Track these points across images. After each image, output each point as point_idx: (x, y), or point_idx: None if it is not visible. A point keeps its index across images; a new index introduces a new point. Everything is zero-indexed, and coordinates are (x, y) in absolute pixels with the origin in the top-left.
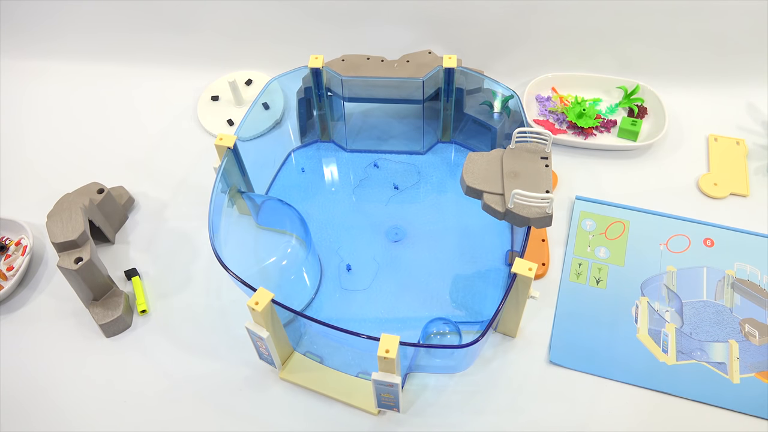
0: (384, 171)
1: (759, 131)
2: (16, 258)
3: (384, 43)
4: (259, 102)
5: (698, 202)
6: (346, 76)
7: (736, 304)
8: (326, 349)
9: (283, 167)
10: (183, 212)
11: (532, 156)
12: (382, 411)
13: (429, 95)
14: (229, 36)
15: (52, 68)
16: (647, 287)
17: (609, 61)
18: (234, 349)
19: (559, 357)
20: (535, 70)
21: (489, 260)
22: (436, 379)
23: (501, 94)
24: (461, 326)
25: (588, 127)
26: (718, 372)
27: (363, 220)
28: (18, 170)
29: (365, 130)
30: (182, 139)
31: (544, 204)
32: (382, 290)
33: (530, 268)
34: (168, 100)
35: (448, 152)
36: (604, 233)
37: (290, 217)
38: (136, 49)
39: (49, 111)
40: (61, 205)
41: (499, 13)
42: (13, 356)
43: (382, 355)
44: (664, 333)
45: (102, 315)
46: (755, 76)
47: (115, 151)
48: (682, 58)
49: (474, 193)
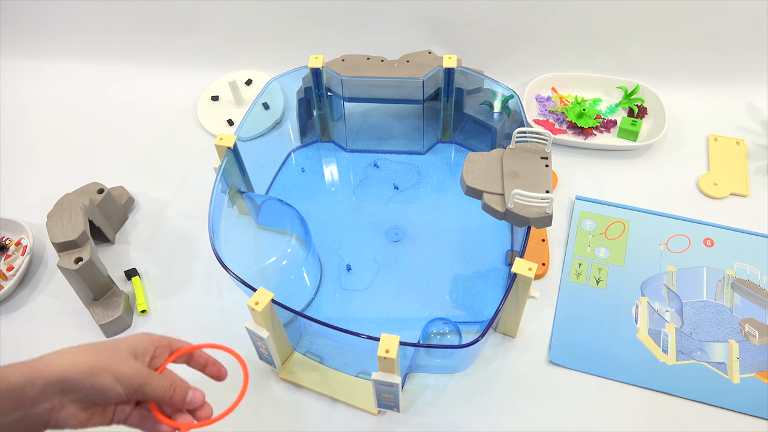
0: (384, 171)
1: (759, 131)
2: (16, 258)
3: (384, 43)
4: (259, 102)
5: (698, 202)
6: (346, 76)
7: (736, 304)
8: (326, 349)
9: (283, 167)
10: (183, 212)
11: (532, 156)
12: (382, 411)
13: (429, 95)
14: (229, 36)
15: (52, 68)
16: (647, 287)
17: (609, 61)
18: (234, 349)
19: (559, 357)
20: (535, 70)
21: (489, 260)
22: (436, 379)
23: (501, 94)
24: (461, 326)
25: (588, 127)
26: (718, 372)
27: (363, 220)
28: (18, 170)
29: (365, 130)
30: (182, 139)
31: (544, 204)
32: (382, 290)
33: (530, 268)
34: (168, 100)
35: (448, 152)
36: (604, 233)
37: (290, 217)
38: (136, 49)
39: (49, 111)
40: (61, 205)
41: (499, 13)
42: (13, 356)
43: (382, 355)
44: (664, 333)
45: (102, 315)
46: (755, 76)
47: (115, 151)
48: (682, 58)
49: (474, 193)
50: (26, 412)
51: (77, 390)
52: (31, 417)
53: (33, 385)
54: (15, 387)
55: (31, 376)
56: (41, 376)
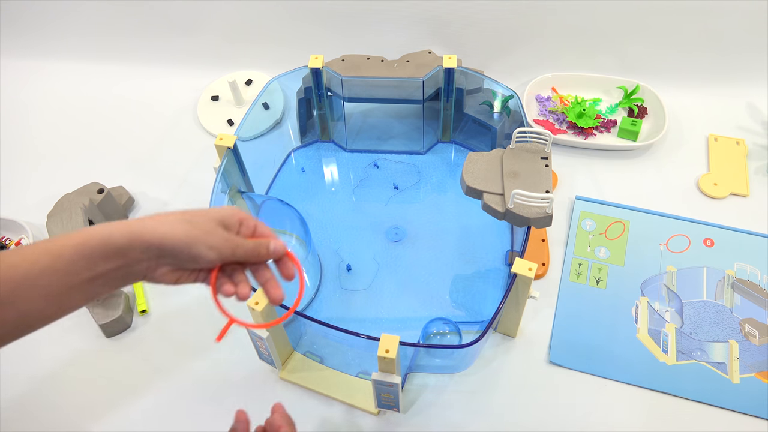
0: (384, 171)
1: (759, 131)
2: None
3: (384, 43)
4: (259, 102)
5: (698, 202)
6: (346, 76)
7: (736, 304)
8: (326, 349)
9: (283, 167)
10: None
11: (532, 156)
12: (382, 411)
13: (429, 95)
14: (229, 36)
15: (53, 68)
16: (647, 287)
17: (609, 61)
18: (234, 349)
19: (559, 357)
20: (535, 70)
21: (489, 260)
22: (436, 379)
23: (501, 94)
24: (461, 326)
25: (588, 127)
26: (718, 372)
27: (363, 220)
28: (18, 170)
29: (365, 130)
30: (182, 139)
31: (544, 204)
32: (382, 290)
33: (530, 268)
34: (168, 100)
35: (448, 152)
36: (604, 233)
37: (290, 217)
38: (136, 49)
39: (49, 111)
40: (61, 205)
41: (499, 13)
42: (13, 356)
43: (382, 355)
44: (664, 333)
45: (102, 315)
46: (755, 76)
47: (116, 151)
48: (682, 58)
49: (474, 193)
50: (128, 270)
51: (173, 256)
52: (132, 273)
53: (134, 248)
54: (120, 248)
55: (133, 240)
56: (142, 240)
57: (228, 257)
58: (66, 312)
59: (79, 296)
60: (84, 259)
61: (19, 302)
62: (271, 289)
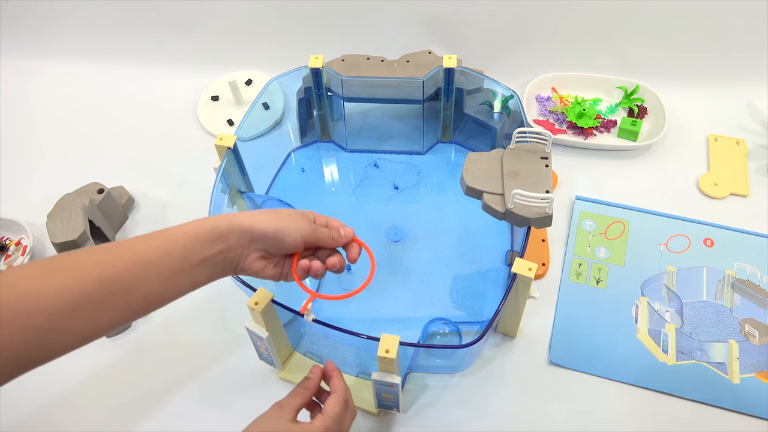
0: (384, 171)
1: (759, 131)
2: (16, 258)
3: (384, 43)
4: (259, 102)
5: (698, 202)
6: (346, 76)
7: (736, 304)
8: (326, 349)
9: (283, 167)
10: (183, 212)
11: (532, 156)
12: (382, 411)
13: (429, 95)
14: (229, 36)
15: (52, 68)
16: (647, 287)
17: (609, 61)
18: (234, 349)
19: (559, 357)
20: (535, 70)
21: (489, 260)
22: (436, 379)
23: (501, 94)
24: (461, 326)
25: (588, 127)
26: (718, 372)
27: (363, 220)
28: (18, 170)
29: (365, 130)
30: (182, 139)
31: (544, 204)
32: (382, 290)
33: (530, 268)
34: (168, 100)
35: (448, 152)
36: (604, 233)
37: None
38: (136, 50)
39: (49, 111)
40: (61, 205)
41: (499, 13)
42: None
43: (382, 355)
44: (664, 333)
45: None
46: (755, 76)
47: (115, 151)
48: (682, 58)
49: (474, 193)
50: (226, 255)
51: (264, 241)
52: (229, 259)
53: (233, 233)
54: (222, 233)
55: (232, 226)
56: (239, 226)
57: (310, 238)
58: (175, 296)
59: (186, 280)
60: (197, 243)
61: (143, 286)
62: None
